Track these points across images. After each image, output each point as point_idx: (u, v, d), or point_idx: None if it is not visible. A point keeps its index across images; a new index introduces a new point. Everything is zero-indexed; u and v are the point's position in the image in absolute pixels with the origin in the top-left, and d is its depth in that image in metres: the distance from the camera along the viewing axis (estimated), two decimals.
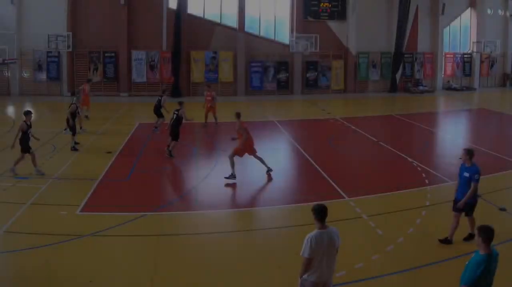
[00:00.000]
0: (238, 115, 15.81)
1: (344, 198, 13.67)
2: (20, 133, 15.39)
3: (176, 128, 17.90)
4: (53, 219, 11.97)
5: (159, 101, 22.58)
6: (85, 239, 10.78)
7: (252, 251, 10.43)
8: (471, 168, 10.38)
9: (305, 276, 6.94)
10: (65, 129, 20.78)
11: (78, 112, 20.17)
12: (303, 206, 12.87)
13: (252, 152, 15.70)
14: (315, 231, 6.91)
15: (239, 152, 15.43)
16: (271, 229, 11.61)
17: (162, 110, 22.45)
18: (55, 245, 10.36)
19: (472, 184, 10.25)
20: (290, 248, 10.15)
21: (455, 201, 10.63)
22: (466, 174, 10.40)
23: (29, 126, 15.71)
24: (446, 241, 10.56)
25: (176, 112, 18.09)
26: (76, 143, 19.02)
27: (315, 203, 7.29)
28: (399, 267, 9.58)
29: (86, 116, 25.39)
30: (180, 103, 18.44)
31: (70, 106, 19.47)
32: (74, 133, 19.04)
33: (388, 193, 14.24)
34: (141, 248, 10.60)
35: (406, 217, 11.99)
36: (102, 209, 12.81)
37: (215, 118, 24.24)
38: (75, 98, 20.79)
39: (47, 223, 11.70)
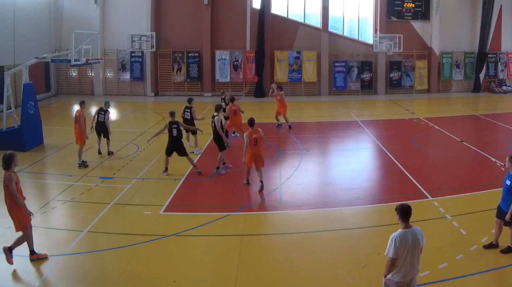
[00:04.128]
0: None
1: (427, 198, 13.33)
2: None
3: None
4: (137, 218, 11.99)
5: None
6: (168, 239, 10.76)
7: (336, 251, 10.25)
8: None
9: (389, 276, 6.91)
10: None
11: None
12: (387, 205, 12.71)
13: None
14: (399, 231, 6.85)
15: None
16: (355, 229, 11.37)
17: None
18: (139, 245, 10.40)
19: None
20: (374, 247, 10.06)
21: (498, 208, 9.93)
22: (508, 182, 9.51)
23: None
24: (492, 246, 9.99)
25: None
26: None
27: (398, 203, 7.22)
28: (484, 267, 9.29)
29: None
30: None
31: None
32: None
33: (472, 193, 13.75)
34: (224, 248, 10.48)
35: (489, 217, 11.33)
36: (185, 209, 12.78)
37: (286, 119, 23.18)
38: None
39: (131, 223, 11.74)
